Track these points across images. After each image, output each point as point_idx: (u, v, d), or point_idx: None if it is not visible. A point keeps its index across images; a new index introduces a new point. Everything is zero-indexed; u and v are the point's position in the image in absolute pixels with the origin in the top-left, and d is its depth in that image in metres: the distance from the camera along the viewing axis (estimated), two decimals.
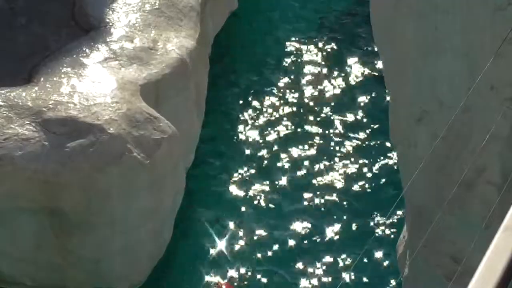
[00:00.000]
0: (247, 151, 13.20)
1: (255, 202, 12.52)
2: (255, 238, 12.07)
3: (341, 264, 11.70)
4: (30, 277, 10.73)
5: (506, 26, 6.16)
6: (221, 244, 11.98)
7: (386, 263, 11.73)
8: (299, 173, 12.91)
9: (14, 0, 12.17)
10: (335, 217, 12.33)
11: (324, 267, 11.73)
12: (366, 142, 13.37)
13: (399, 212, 11.86)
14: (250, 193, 12.62)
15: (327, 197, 12.58)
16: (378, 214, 12.30)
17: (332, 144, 13.34)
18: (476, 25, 6.46)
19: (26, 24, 11.84)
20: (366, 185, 12.72)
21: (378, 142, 13.32)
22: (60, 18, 11.96)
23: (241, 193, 12.61)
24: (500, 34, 6.19)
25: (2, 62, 11.24)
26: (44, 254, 10.49)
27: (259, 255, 11.87)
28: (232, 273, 11.62)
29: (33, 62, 11.21)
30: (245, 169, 12.93)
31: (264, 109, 13.86)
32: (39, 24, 11.82)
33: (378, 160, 13.08)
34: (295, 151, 13.21)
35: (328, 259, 11.81)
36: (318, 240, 12.05)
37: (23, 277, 10.72)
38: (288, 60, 14.71)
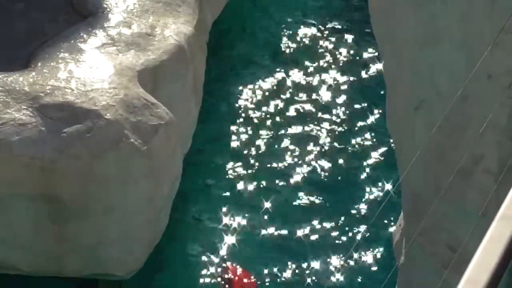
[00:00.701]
0: (246, 138, 13.20)
1: (254, 187, 12.53)
2: (254, 225, 12.09)
3: (337, 251, 11.73)
4: (27, 263, 10.73)
5: (505, 15, 6.17)
6: (218, 231, 12.00)
7: (382, 250, 11.76)
8: (295, 159, 12.92)
9: None
10: (331, 204, 12.35)
11: (320, 255, 11.75)
12: (364, 131, 13.37)
13: (396, 200, 11.89)
14: (249, 179, 12.63)
15: (323, 185, 12.60)
16: (375, 202, 12.32)
17: (329, 132, 13.34)
18: (475, 14, 6.47)
19: (24, 10, 11.82)
20: (363, 173, 12.74)
21: (376, 130, 13.33)
22: (58, 4, 11.93)
23: (239, 180, 12.62)
24: (499, 23, 6.19)
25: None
26: (41, 241, 10.49)
27: (257, 241, 11.89)
28: (229, 259, 11.64)
29: (30, 48, 11.19)
30: (244, 156, 12.94)
31: (263, 96, 13.86)
32: (36, 10, 11.79)
33: (375, 148, 13.10)
34: (293, 137, 13.22)
35: (324, 246, 11.84)
36: (314, 228, 12.07)
37: (20, 263, 10.72)
38: (288, 48, 14.69)
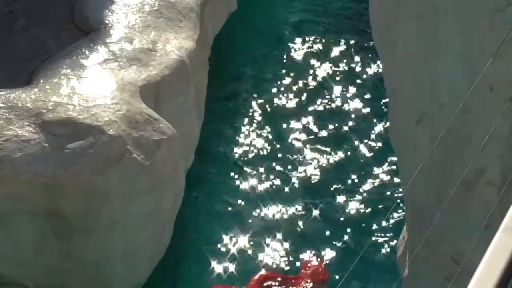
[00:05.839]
0: (247, 152, 13.20)
1: (257, 201, 12.52)
2: (258, 238, 12.07)
3: (340, 264, 11.70)
4: (31, 280, 10.73)
5: (505, 27, 6.17)
6: (222, 246, 11.99)
7: (386, 263, 11.74)
8: (298, 173, 12.92)
9: (13, 3, 12.19)
10: (334, 217, 12.34)
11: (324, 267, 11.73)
12: (366, 143, 13.37)
13: (399, 213, 11.87)
14: (252, 192, 12.62)
15: (325, 198, 12.59)
16: (378, 214, 12.30)
17: (332, 144, 13.35)
18: (475, 26, 6.47)
19: (26, 27, 11.86)
20: (366, 186, 12.73)
21: (378, 142, 13.33)
22: (60, 20, 11.97)
23: (242, 193, 12.61)
24: (500, 35, 6.19)
25: (2, 65, 11.26)
26: (45, 257, 10.49)
27: (261, 256, 11.88)
28: (232, 273, 11.63)
29: (33, 65, 11.22)
30: (246, 169, 12.93)
31: (265, 110, 13.87)
32: (38, 27, 11.83)
33: (378, 160, 13.10)
34: (295, 151, 13.22)
35: (328, 259, 11.82)
36: (317, 240, 12.06)
37: (24, 280, 10.72)
38: (289, 62, 14.71)
